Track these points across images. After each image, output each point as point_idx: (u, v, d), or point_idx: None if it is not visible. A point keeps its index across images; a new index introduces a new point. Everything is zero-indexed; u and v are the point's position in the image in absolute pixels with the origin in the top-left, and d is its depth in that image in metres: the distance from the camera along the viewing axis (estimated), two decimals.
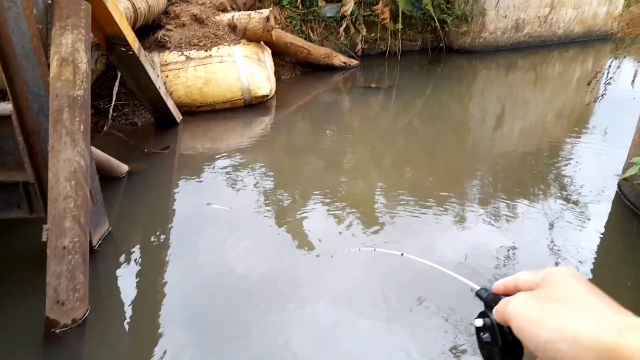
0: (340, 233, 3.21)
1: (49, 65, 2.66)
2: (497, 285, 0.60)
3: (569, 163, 4.47)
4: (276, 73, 6.65)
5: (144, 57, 4.26)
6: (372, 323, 2.37)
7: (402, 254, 0.92)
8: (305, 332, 2.31)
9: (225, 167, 4.26)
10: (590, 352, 0.43)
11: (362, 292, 2.61)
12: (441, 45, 9.54)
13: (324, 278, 2.74)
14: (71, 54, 2.66)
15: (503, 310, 0.54)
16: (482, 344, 0.59)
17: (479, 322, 0.59)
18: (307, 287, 2.65)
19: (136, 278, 2.74)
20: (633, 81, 4.23)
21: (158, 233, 3.18)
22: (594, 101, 5.24)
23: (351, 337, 2.28)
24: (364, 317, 2.40)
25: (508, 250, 3.01)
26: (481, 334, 0.59)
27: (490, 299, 0.60)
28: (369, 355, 2.17)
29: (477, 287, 0.64)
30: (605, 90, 4.13)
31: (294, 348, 2.20)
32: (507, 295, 0.58)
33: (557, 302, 0.49)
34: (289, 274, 2.77)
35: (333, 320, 2.38)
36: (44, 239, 2.39)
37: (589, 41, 10.72)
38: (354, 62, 8.35)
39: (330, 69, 7.99)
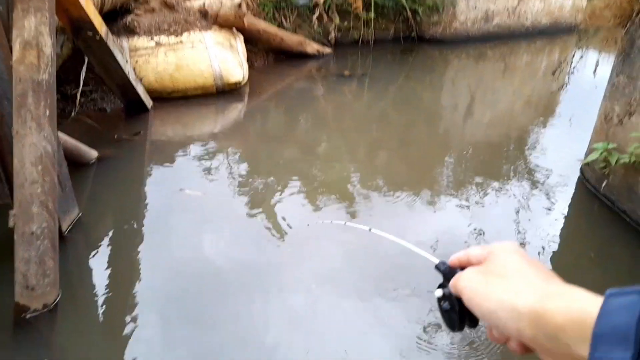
0: (313, 218, 3.24)
1: (11, 48, 2.58)
2: (452, 259, 0.66)
3: (536, 149, 4.61)
4: (249, 60, 6.59)
5: (112, 42, 4.16)
6: (346, 304, 2.41)
7: (370, 229, 0.96)
8: (279, 316, 2.34)
9: (198, 154, 4.22)
10: (525, 318, 0.49)
11: (335, 274, 2.65)
12: (413, 34, 9.61)
13: (297, 261, 2.77)
14: (35, 37, 2.58)
15: (455, 284, 0.60)
16: (442, 312, 0.65)
17: (439, 293, 0.65)
18: (280, 272, 2.68)
19: (107, 264, 2.71)
20: (595, 71, 4.40)
21: (129, 219, 3.14)
22: (559, 89, 5.40)
23: (324, 319, 2.31)
24: (338, 298, 2.45)
25: (477, 234, 3.11)
26: (441, 302, 0.64)
27: (447, 272, 0.65)
28: (343, 337, 2.21)
29: (437, 261, 0.69)
30: (568, 79, 4.27)
31: (267, 331, 2.22)
32: (461, 267, 0.64)
33: (498, 276, 0.55)
34: (262, 259, 2.79)
35: (306, 303, 2.42)
36: (10, 224, 2.34)
37: (556, 32, 10.98)
38: (327, 50, 8.35)
39: (304, 56, 7.96)
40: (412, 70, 7.94)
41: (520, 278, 0.53)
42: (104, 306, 2.39)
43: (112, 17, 5.56)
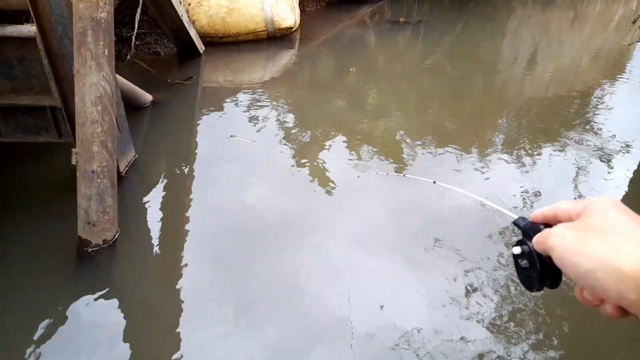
0: (359, 170, 3.20)
1: None
2: (536, 214, 0.60)
3: (600, 108, 4.31)
4: (301, 4, 6.40)
5: None
6: (386, 259, 2.40)
7: (434, 182, 0.91)
8: (319, 267, 2.35)
9: (247, 101, 4.22)
10: (629, 280, 0.44)
11: (378, 227, 2.63)
12: None
13: (341, 212, 2.76)
14: None
15: (543, 242, 0.54)
16: (520, 271, 0.61)
17: (517, 250, 0.60)
18: (323, 222, 2.68)
19: (161, 205, 2.81)
20: None
21: (182, 162, 3.22)
22: (638, 41, 4.94)
23: (363, 274, 2.31)
24: (379, 252, 2.43)
25: (529, 195, 2.98)
26: (519, 260, 0.60)
27: (528, 228, 0.60)
28: (381, 291, 2.21)
29: (515, 216, 0.64)
30: None
31: (307, 281, 2.25)
32: (545, 224, 0.58)
33: (597, 232, 0.49)
34: (307, 209, 2.80)
35: (346, 257, 2.41)
36: (73, 162, 2.44)
37: None
38: None
39: (358, 1, 7.66)
40: (472, 17, 7.48)
41: (624, 235, 0.47)
42: (158, 245, 2.50)
43: None
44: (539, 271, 0.57)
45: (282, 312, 2.09)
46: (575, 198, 3.00)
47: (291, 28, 5.80)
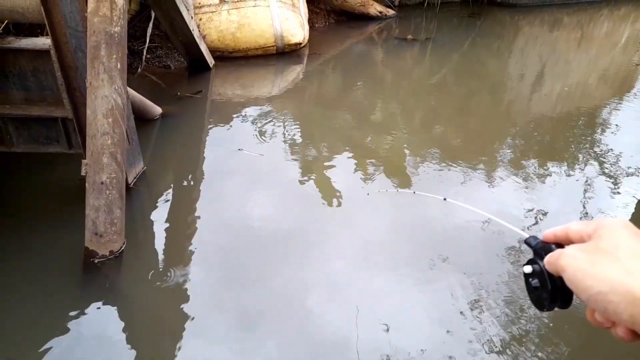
0: (365, 186, 3.20)
1: (86, 0, 2.65)
2: (547, 234, 0.60)
3: (608, 129, 4.30)
4: (310, 20, 6.48)
5: None
6: (390, 275, 2.39)
7: (444, 199, 0.92)
8: (321, 282, 2.35)
9: (255, 115, 4.25)
10: None
11: (384, 246, 2.62)
12: None
13: (346, 228, 2.76)
14: None
15: (555, 262, 0.54)
16: (530, 290, 0.61)
17: (528, 269, 0.60)
18: (330, 239, 2.67)
19: (167, 218, 2.82)
20: None
21: (189, 175, 3.24)
22: None
23: (368, 292, 2.30)
24: (384, 272, 2.42)
25: (535, 215, 2.96)
26: (530, 279, 0.60)
27: (539, 247, 0.60)
28: (385, 311, 2.20)
29: (526, 235, 0.64)
30: None
31: (308, 296, 2.24)
32: (556, 243, 0.58)
33: (608, 254, 0.49)
34: (312, 224, 2.80)
35: (351, 274, 2.40)
36: (83, 173, 2.47)
37: None
38: (391, 12, 8.06)
39: (366, 18, 7.73)
40: (479, 36, 7.53)
41: (636, 258, 0.47)
42: (164, 257, 2.50)
43: None
44: (549, 291, 0.57)
45: (285, 329, 2.08)
46: (581, 217, 2.99)
47: (300, 44, 5.86)
